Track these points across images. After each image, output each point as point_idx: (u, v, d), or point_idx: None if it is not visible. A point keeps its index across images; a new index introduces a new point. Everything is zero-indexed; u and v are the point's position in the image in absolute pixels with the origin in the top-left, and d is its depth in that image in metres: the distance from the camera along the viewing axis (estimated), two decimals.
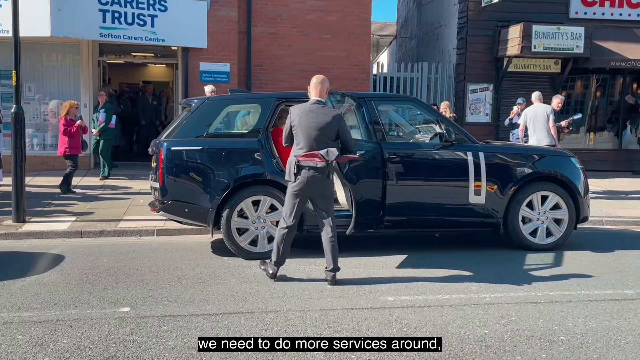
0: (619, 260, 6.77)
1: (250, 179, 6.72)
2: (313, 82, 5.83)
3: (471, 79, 14.66)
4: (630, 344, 4.28)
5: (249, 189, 6.70)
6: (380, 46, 29.72)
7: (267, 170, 6.73)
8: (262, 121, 6.96)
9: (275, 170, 6.72)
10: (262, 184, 6.76)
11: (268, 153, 6.79)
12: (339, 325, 4.59)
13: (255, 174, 6.73)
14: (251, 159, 6.75)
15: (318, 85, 5.78)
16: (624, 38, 14.25)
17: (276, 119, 7.09)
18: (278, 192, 6.68)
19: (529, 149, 8.10)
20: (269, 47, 13.76)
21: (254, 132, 6.97)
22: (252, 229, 6.67)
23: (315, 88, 5.78)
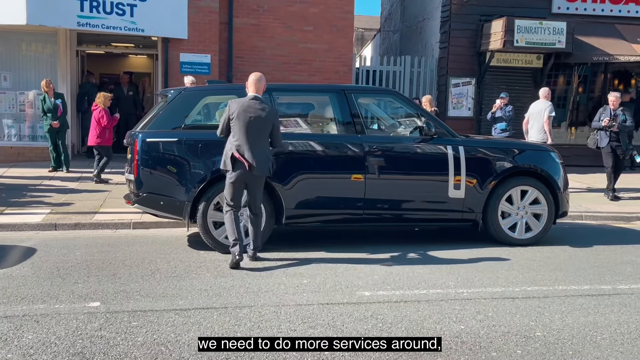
0: (597, 256, 6.76)
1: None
2: (252, 79, 6.08)
3: (454, 73, 14.62)
4: (606, 340, 4.26)
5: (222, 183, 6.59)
6: (364, 39, 29.64)
7: None
8: None
9: None
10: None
11: None
12: (314, 321, 4.52)
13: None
14: None
15: (257, 82, 6.05)
16: (605, 34, 14.30)
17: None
18: None
19: (508, 143, 8.07)
20: (251, 38, 13.60)
21: None
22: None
23: (254, 84, 6.04)
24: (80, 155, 13.55)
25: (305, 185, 6.72)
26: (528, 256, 6.67)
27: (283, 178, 6.65)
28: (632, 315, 4.79)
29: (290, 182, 6.66)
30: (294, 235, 7.52)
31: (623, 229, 8.63)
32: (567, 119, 15.53)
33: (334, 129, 7.18)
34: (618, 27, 14.54)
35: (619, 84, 15.59)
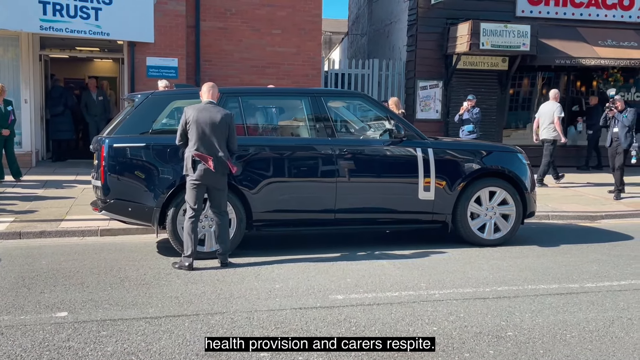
0: (564, 255, 6.88)
1: None
2: (205, 88, 6.25)
3: (421, 75, 14.74)
4: (575, 338, 4.32)
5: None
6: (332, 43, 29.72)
7: None
8: None
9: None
10: None
11: None
12: (287, 326, 4.49)
13: None
14: None
15: (210, 89, 6.22)
16: (568, 36, 14.58)
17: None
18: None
19: (476, 145, 8.18)
20: (218, 42, 13.50)
21: None
22: (199, 228, 6.49)
23: (208, 92, 6.19)
24: (45, 162, 13.27)
25: (276, 189, 6.69)
26: (497, 256, 6.74)
27: (252, 183, 6.61)
28: (599, 313, 4.88)
29: (259, 187, 6.62)
30: (266, 240, 7.48)
31: (589, 227, 8.80)
32: (532, 121, 15.77)
33: (304, 133, 7.18)
34: (580, 30, 14.85)
35: (581, 86, 15.93)
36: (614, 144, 10.75)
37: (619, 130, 10.66)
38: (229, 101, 6.88)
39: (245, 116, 6.96)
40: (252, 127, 7.15)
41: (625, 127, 10.60)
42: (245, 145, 6.71)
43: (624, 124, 10.61)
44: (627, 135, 10.60)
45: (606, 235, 8.05)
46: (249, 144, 6.78)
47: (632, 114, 10.69)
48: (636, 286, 5.62)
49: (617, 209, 9.82)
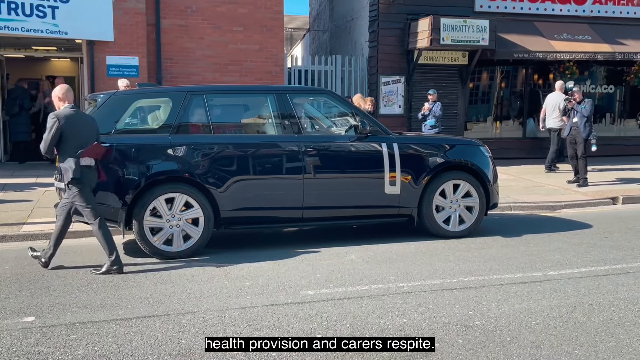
0: (527, 244, 7.06)
1: (163, 175, 6.49)
2: (62, 92, 6.00)
3: (383, 71, 14.87)
4: (540, 325, 4.46)
5: (163, 187, 6.46)
6: (293, 39, 29.71)
7: (181, 167, 6.52)
8: (173, 116, 6.76)
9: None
10: (176, 181, 6.54)
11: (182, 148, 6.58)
12: (259, 323, 4.51)
13: (168, 170, 6.51)
14: (163, 155, 6.53)
15: (67, 93, 6.01)
16: (525, 31, 14.90)
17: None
18: (193, 188, 6.50)
19: (440, 139, 8.32)
20: (180, 39, 13.38)
21: (165, 128, 6.74)
22: (167, 228, 6.45)
23: (66, 96, 5.98)
24: (3, 164, 12.95)
25: (243, 187, 6.69)
26: (463, 248, 6.88)
27: (220, 181, 6.59)
28: (562, 299, 5.03)
29: (226, 185, 6.60)
30: (234, 237, 7.47)
31: (549, 217, 9.03)
32: (492, 114, 16.10)
33: (271, 130, 7.20)
34: (537, 25, 15.18)
35: (538, 79, 16.31)
36: (573, 132, 11.14)
37: (579, 120, 11.03)
38: (194, 99, 6.83)
39: (210, 115, 6.91)
40: (217, 125, 7.11)
41: (584, 117, 10.97)
42: (211, 144, 6.70)
43: (582, 114, 10.97)
44: (585, 125, 10.97)
45: (566, 225, 8.28)
46: (214, 142, 6.75)
47: (590, 104, 11.09)
48: (596, 273, 5.81)
49: (575, 199, 10.10)
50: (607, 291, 5.23)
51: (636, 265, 6.06)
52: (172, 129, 6.67)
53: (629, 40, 15.24)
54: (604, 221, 8.47)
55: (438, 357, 3.92)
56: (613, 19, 15.80)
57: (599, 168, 12.89)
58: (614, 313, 4.69)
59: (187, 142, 6.64)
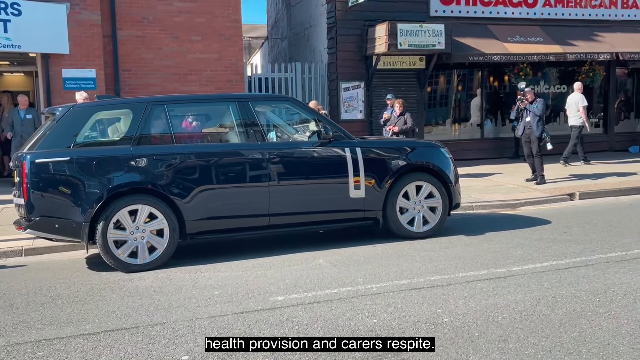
0: (490, 242, 7.20)
1: (126, 187, 6.41)
2: None
3: (343, 77, 15.00)
4: (507, 319, 4.56)
5: (126, 199, 6.39)
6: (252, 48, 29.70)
7: (144, 178, 6.46)
8: (134, 127, 6.69)
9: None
10: (140, 193, 6.48)
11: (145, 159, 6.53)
12: (230, 330, 4.49)
13: (131, 182, 6.44)
14: (125, 167, 6.44)
15: None
16: (480, 34, 15.24)
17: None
18: (157, 200, 6.45)
19: (401, 142, 8.45)
20: (137, 50, 13.25)
21: (127, 139, 6.67)
22: (131, 240, 6.38)
23: None
24: None
25: (208, 197, 6.65)
26: (428, 248, 6.98)
27: (183, 191, 6.55)
28: (526, 293, 5.16)
29: (190, 196, 6.56)
30: (200, 247, 7.42)
31: (510, 215, 9.24)
32: (451, 116, 16.39)
33: (234, 138, 7.18)
34: (491, 28, 15.54)
35: (494, 81, 16.68)
36: (527, 131, 11.47)
37: (531, 119, 11.34)
38: (155, 110, 6.78)
39: (172, 124, 6.86)
40: (179, 135, 7.07)
41: (536, 116, 11.29)
42: (173, 154, 6.65)
43: (535, 113, 11.30)
44: (538, 124, 11.29)
45: (527, 221, 8.48)
46: (176, 152, 6.70)
47: (542, 104, 11.42)
48: (557, 266, 5.97)
49: (534, 196, 10.36)
50: (568, 284, 5.38)
51: (595, 257, 6.25)
52: (133, 141, 6.59)
53: (578, 41, 15.74)
54: (562, 217, 8.71)
55: (408, 355, 3.97)
56: (563, 21, 16.30)
57: (557, 165, 13.24)
58: (576, 304, 4.82)
59: (150, 153, 6.57)
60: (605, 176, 11.97)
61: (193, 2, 13.56)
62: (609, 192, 10.54)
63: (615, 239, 7.09)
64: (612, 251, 6.47)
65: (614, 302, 4.84)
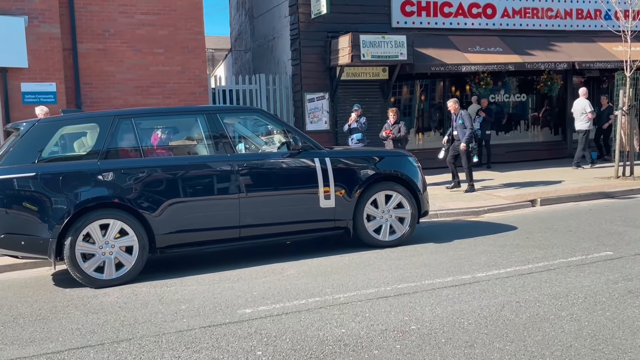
0: (455, 249, 7.31)
1: (93, 202, 6.33)
2: None
3: (308, 88, 15.06)
4: (472, 325, 4.63)
5: (93, 214, 6.30)
6: (215, 60, 29.59)
7: (113, 192, 6.38)
8: (101, 141, 6.61)
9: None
10: (109, 207, 6.40)
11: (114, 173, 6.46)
12: (197, 345, 4.46)
13: (98, 197, 6.35)
14: (93, 182, 6.37)
15: None
16: (441, 45, 15.50)
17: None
18: (126, 214, 6.38)
19: (369, 151, 8.52)
20: (98, 63, 13.08)
21: (93, 154, 6.59)
22: (99, 255, 6.30)
23: None
24: None
25: (178, 210, 6.61)
26: (394, 256, 7.04)
27: (152, 205, 6.50)
28: (491, 299, 5.25)
29: (159, 209, 6.52)
30: (168, 261, 7.34)
31: (474, 222, 9.38)
32: (414, 126, 16.59)
33: (203, 151, 7.16)
34: (451, 38, 15.83)
35: (455, 91, 16.96)
36: (456, 142, 11.87)
37: (458, 131, 11.73)
38: (122, 123, 6.73)
39: (139, 138, 6.81)
40: (147, 148, 7.03)
41: (463, 128, 11.64)
42: (141, 167, 6.59)
43: (461, 124, 11.68)
44: (466, 135, 11.57)
45: (490, 228, 8.63)
46: (145, 165, 6.65)
47: (467, 116, 11.80)
48: (521, 272, 6.08)
49: (497, 203, 10.54)
50: (531, 288, 5.49)
51: (556, 262, 6.39)
52: (100, 155, 6.54)
53: (536, 50, 16.14)
54: (524, 223, 8.88)
55: None
56: (521, 31, 16.69)
57: (515, 173, 13.51)
58: (539, 308, 4.93)
59: (117, 166, 6.51)
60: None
61: (155, 15, 13.47)
62: (569, 198, 10.80)
63: (576, 243, 7.27)
64: (573, 255, 6.63)
65: (575, 305, 4.96)
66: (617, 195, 11.03)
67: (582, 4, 17.14)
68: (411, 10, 15.69)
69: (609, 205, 10.24)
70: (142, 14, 13.36)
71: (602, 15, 16.86)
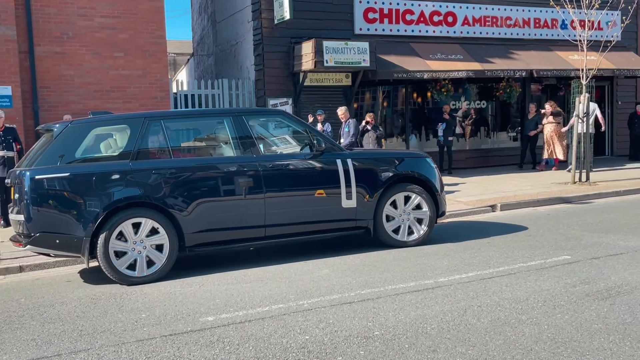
0: (418, 254, 7.35)
1: (125, 202, 6.46)
2: None
3: (271, 94, 15.03)
4: (435, 330, 4.66)
5: (125, 213, 6.45)
6: (177, 64, 29.31)
7: (144, 192, 6.52)
8: (132, 142, 6.76)
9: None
10: (140, 207, 6.53)
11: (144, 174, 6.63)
12: (158, 354, 4.37)
13: (130, 196, 6.48)
14: (125, 182, 6.51)
15: None
16: (403, 52, 15.66)
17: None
18: (157, 213, 6.54)
19: (389, 153, 9.09)
20: (56, 67, 12.80)
21: (125, 154, 6.72)
22: (131, 252, 6.45)
23: None
24: None
25: (205, 209, 6.79)
26: (358, 262, 7.05)
27: (182, 205, 6.68)
28: (453, 304, 5.29)
29: (189, 209, 6.71)
30: None
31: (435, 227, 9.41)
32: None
33: (229, 152, 7.32)
34: (413, 46, 16.01)
35: (417, 97, 17.15)
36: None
37: (344, 139, 12.09)
38: (152, 125, 6.89)
39: (169, 139, 6.99)
40: (176, 149, 7.22)
41: (348, 136, 12.02)
42: (171, 168, 6.77)
43: (348, 133, 12.05)
44: (348, 145, 11.77)
45: (452, 233, 8.71)
46: (175, 166, 6.85)
47: (353, 126, 12.17)
48: (482, 276, 6.16)
49: (458, 208, 10.67)
50: (493, 292, 5.56)
51: (517, 266, 6.50)
52: (132, 156, 6.72)
53: (495, 58, 16.45)
54: (485, 228, 9.01)
55: None
56: (481, 39, 16.99)
57: (476, 179, 13.71)
58: (500, 312, 4.99)
59: (148, 167, 6.70)
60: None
61: (115, 18, 13.26)
62: (528, 203, 11.01)
63: (535, 248, 7.40)
64: (533, 260, 6.75)
65: (535, 309, 5.05)
66: (574, 201, 11.30)
67: (539, 14, 17.55)
68: (374, 17, 15.82)
69: (566, 210, 10.47)
70: (102, 17, 13.13)
71: (558, 25, 17.32)
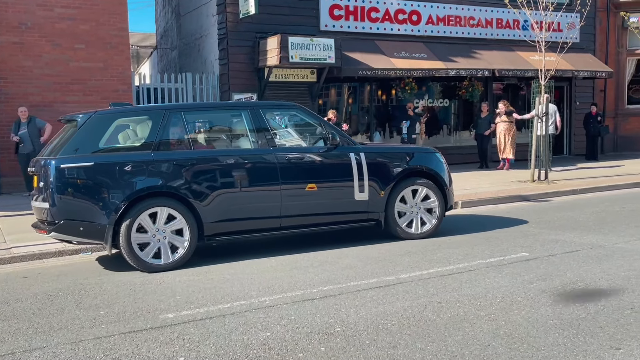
0: (379, 251, 7.41)
1: (147, 191, 6.55)
2: None
3: (236, 89, 14.94)
4: (396, 326, 4.70)
5: (148, 202, 6.65)
6: (140, 57, 28.86)
7: (165, 182, 6.63)
8: (153, 133, 6.88)
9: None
10: (161, 196, 6.74)
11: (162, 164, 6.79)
12: (117, 352, 4.31)
13: (152, 186, 6.67)
14: (147, 172, 6.62)
15: None
16: (368, 49, 15.74)
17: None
18: (178, 203, 6.74)
19: (400, 147, 9.43)
20: (14, 57, 12.48)
21: (146, 145, 6.93)
22: (154, 242, 6.56)
23: None
24: None
25: (224, 200, 6.94)
26: (320, 259, 7.07)
27: (201, 195, 6.81)
28: (414, 300, 5.35)
29: (208, 199, 6.86)
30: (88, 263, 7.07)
31: None
32: (341, 128, 16.74)
33: (246, 144, 7.47)
34: (378, 43, 16.10)
35: (382, 95, 17.27)
36: None
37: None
38: (172, 117, 7.02)
39: (188, 130, 7.21)
40: (195, 140, 7.34)
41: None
42: (192, 159, 6.89)
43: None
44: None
45: None
46: (195, 157, 6.99)
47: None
48: (442, 273, 6.25)
49: None
50: (452, 289, 5.64)
51: (476, 263, 6.61)
52: (153, 146, 6.87)
53: (458, 57, 16.67)
54: (446, 225, 9.11)
55: None
56: (445, 39, 17.20)
57: None
58: (459, 309, 5.07)
59: (170, 158, 6.85)
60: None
61: (76, 9, 12.99)
62: (489, 201, 11.20)
63: (494, 244, 7.54)
64: (492, 257, 6.87)
65: (493, 305, 5.14)
66: (533, 198, 11.54)
67: (502, 14, 17.84)
68: (339, 14, 15.85)
69: (525, 207, 10.69)
70: (62, 7, 12.86)
71: (519, 26, 17.63)
